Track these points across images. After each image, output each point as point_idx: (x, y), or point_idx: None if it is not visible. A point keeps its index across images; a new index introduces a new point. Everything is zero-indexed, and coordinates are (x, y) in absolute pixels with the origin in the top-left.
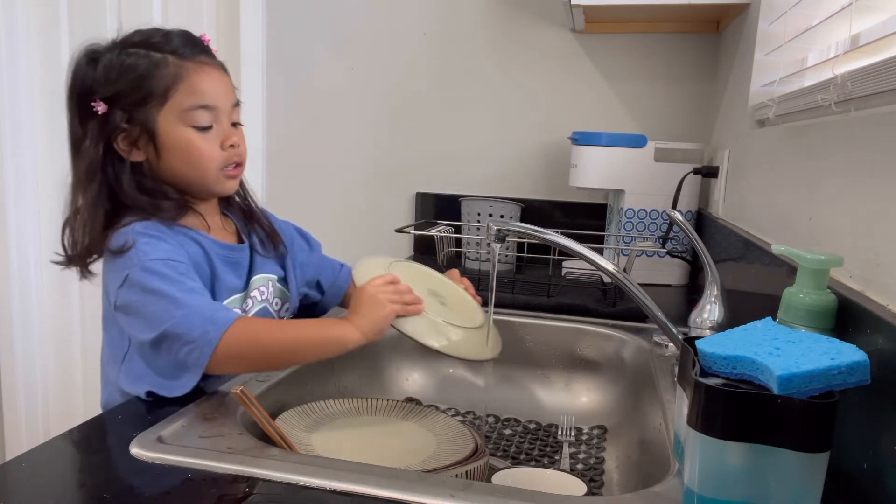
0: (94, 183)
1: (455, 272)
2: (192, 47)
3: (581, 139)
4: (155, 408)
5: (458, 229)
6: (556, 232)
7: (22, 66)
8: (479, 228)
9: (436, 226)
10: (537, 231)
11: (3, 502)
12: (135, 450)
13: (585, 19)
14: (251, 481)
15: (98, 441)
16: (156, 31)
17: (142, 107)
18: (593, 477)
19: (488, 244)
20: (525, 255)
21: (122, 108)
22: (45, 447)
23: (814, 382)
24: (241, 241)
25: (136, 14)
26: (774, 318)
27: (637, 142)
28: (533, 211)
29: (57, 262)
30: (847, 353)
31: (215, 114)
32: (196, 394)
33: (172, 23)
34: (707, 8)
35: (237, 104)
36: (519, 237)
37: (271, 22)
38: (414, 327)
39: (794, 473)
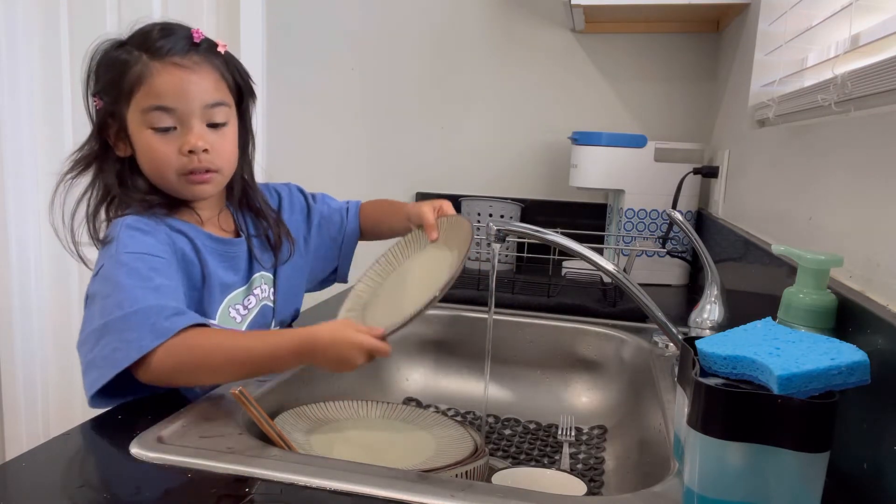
0: (87, 172)
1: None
2: (173, 44)
3: (581, 139)
4: (155, 408)
5: None
6: (556, 232)
7: (22, 66)
8: (479, 228)
9: None
10: (537, 231)
11: (3, 502)
12: (135, 450)
13: (585, 19)
14: (251, 481)
15: (98, 441)
16: (152, 26)
17: (116, 103)
18: (593, 477)
19: (488, 244)
20: (525, 255)
21: (106, 103)
22: (45, 447)
23: (814, 382)
24: (238, 236)
25: (136, 13)
26: (774, 318)
27: (637, 142)
28: (533, 211)
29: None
30: (847, 353)
31: (177, 116)
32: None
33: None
34: (707, 8)
35: (218, 104)
36: (519, 237)
37: (271, 21)
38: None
39: (794, 473)
